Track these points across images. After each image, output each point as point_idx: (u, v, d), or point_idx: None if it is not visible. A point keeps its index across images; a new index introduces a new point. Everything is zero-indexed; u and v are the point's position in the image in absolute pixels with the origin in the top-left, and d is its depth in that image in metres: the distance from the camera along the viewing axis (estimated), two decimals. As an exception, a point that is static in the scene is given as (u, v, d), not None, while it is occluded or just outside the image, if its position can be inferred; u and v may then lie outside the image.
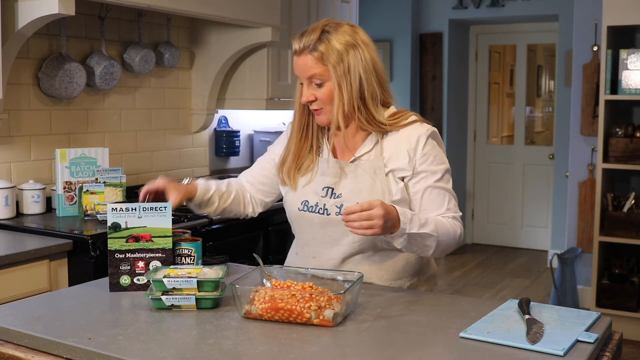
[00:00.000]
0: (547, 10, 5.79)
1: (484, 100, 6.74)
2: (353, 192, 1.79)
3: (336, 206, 1.79)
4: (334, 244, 1.81)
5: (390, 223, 1.59)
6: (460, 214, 1.82)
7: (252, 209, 2.00)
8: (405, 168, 1.78)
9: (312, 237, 1.85)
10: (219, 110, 3.90)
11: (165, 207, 1.74)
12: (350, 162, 1.82)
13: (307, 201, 1.83)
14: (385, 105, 1.83)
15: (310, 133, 1.87)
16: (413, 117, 1.83)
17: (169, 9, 2.96)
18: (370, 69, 1.77)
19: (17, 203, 2.83)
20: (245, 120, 4.18)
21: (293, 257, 1.94)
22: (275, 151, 1.97)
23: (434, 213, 1.77)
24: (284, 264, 1.90)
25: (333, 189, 1.81)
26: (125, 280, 1.73)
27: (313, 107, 1.79)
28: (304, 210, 1.84)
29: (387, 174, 1.79)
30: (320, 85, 1.76)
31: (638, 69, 4.08)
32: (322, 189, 1.82)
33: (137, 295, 1.69)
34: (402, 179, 1.79)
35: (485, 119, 6.76)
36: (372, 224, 1.56)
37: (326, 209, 1.81)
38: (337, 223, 1.78)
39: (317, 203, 1.82)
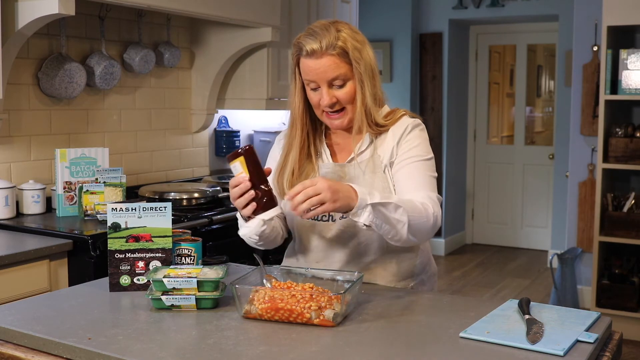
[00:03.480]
0: (547, 10, 5.79)
1: (484, 100, 6.74)
2: None
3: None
4: (338, 248, 1.81)
5: (342, 195, 1.52)
6: (440, 197, 1.77)
7: (282, 235, 1.90)
8: (392, 157, 1.78)
9: (316, 243, 1.84)
10: (219, 110, 3.90)
11: (165, 207, 1.73)
12: (348, 162, 1.82)
13: None
14: (380, 105, 1.83)
15: (309, 140, 1.84)
16: (402, 113, 1.83)
17: (169, 9, 2.96)
18: (376, 67, 1.77)
19: (17, 203, 2.83)
20: (245, 120, 4.18)
21: (294, 264, 1.91)
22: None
23: (410, 192, 1.72)
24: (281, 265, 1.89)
25: None
26: (125, 280, 1.73)
27: (334, 109, 1.75)
28: (308, 218, 1.82)
29: (384, 171, 1.79)
30: (341, 86, 1.73)
31: (638, 69, 4.08)
32: None
33: (137, 295, 1.69)
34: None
35: (485, 119, 6.76)
36: (321, 198, 1.49)
37: (331, 215, 1.80)
38: (342, 228, 1.78)
39: None
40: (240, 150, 1.61)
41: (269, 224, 1.76)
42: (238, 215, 1.77)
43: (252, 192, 1.59)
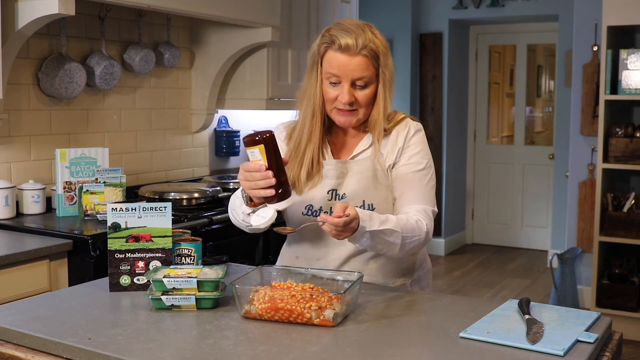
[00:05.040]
0: (547, 10, 5.79)
1: (484, 100, 6.74)
2: (357, 191, 1.80)
3: None
4: (340, 244, 1.81)
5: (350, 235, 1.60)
6: (435, 210, 1.80)
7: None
8: (397, 159, 1.81)
9: (317, 240, 1.84)
10: (219, 110, 3.90)
11: (165, 207, 1.73)
12: (350, 159, 1.83)
13: (311, 206, 1.82)
14: None
15: (320, 136, 1.84)
16: (402, 115, 1.86)
17: (169, 9, 2.96)
18: (394, 75, 1.80)
19: (17, 203, 2.83)
20: (245, 120, 4.17)
21: (293, 262, 1.90)
22: None
23: (407, 205, 1.76)
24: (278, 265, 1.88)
25: (336, 190, 1.81)
26: (125, 280, 1.73)
27: (349, 107, 1.75)
28: (308, 215, 1.83)
29: (387, 170, 1.81)
30: (363, 87, 1.74)
31: (638, 69, 4.08)
32: (328, 192, 1.81)
33: (137, 295, 1.69)
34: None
35: (485, 119, 6.76)
36: (348, 228, 1.57)
37: (333, 212, 1.80)
38: None
39: (321, 207, 1.81)
40: (260, 138, 1.58)
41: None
42: (239, 195, 1.74)
43: (273, 180, 1.59)
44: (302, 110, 1.83)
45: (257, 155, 1.59)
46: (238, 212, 1.77)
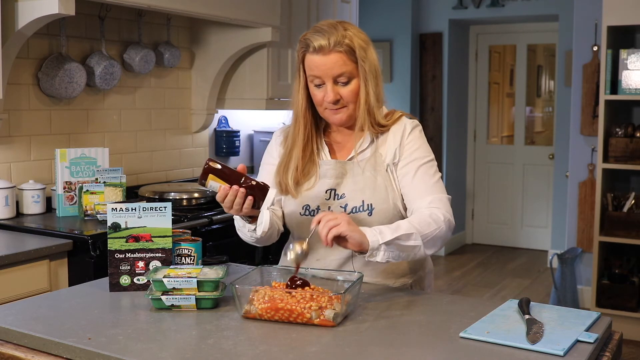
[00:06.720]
0: (547, 10, 5.79)
1: (484, 100, 6.74)
2: (356, 190, 1.80)
3: (340, 206, 1.80)
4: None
5: (357, 231, 1.57)
6: (449, 196, 1.80)
7: (278, 229, 1.90)
8: (395, 158, 1.81)
9: (317, 240, 1.84)
10: (219, 110, 3.90)
11: (165, 207, 1.73)
12: (348, 159, 1.83)
13: (308, 206, 1.83)
14: (381, 105, 1.84)
15: (312, 137, 1.85)
16: (399, 114, 1.86)
17: (169, 9, 2.96)
18: (379, 68, 1.79)
19: (17, 203, 2.83)
20: (245, 120, 4.18)
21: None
22: (273, 162, 1.91)
23: (419, 198, 1.76)
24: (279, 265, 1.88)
25: (335, 190, 1.81)
26: (125, 280, 1.73)
27: (336, 106, 1.76)
28: (306, 215, 1.83)
29: (386, 170, 1.80)
30: (346, 83, 1.75)
31: (638, 69, 4.08)
32: (326, 192, 1.81)
33: (137, 295, 1.69)
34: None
35: (485, 119, 6.76)
36: (337, 221, 1.55)
37: (331, 211, 1.80)
38: None
39: (318, 207, 1.82)
40: (204, 171, 1.67)
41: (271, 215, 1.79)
42: (238, 220, 1.78)
43: (242, 190, 1.64)
44: (291, 117, 1.87)
45: (215, 184, 1.67)
46: (244, 231, 1.81)
